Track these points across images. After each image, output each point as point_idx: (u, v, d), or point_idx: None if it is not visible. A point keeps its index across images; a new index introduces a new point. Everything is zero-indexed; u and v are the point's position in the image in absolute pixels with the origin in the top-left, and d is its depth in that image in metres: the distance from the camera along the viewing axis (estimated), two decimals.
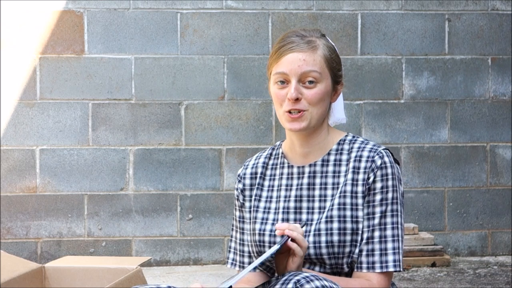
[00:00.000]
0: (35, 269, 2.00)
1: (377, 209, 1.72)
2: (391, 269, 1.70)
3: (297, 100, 1.73)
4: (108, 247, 4.39)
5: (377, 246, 1.70)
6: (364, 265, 1.71)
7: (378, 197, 1.72)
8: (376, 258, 1.70)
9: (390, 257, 1.70)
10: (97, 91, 4.37)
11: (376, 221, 1.71)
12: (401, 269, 1.71)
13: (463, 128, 4.55)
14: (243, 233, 1.88)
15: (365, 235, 1.71)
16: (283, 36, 1.80)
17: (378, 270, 1.70)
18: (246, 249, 1.87)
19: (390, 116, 4.51)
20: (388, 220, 1.72)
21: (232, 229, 1.93)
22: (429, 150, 4.54)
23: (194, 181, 4.42)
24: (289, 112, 1.75)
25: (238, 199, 1.91)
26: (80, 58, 4.36)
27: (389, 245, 1.70)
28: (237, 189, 1.91)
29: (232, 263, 1.89)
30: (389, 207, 1.72)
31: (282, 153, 1.86)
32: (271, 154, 1.89)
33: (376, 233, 1.71)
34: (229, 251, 1.92)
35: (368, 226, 1.72)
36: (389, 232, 1.71)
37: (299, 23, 4.43)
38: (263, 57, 4.43)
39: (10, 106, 4.34)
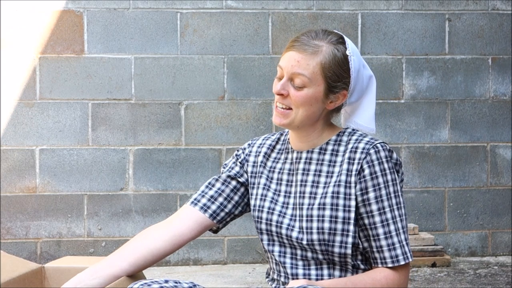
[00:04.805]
0: (35, 269, 2.00)
1: (374, 207, 1.76)
2: (402, 262, 1.76)
3: (282, 95, 1.79)
4: (108, 247, 4.39)
5: (384, 242, 1.76)
6: (379, 261, 1.77)
7: (376, 193, 1.76)
8: (386, 254, 1.76)
9: (399, 251, 1.76)
10: (96, 91, 4.37)
11: (377, 218, 1.76)
12: (411, 259, 1.77)
13: (463, 128, 4.55)
14: (217, 180, 1.94)
15: (370, 232, 1.76)
16: (299, 33, 1.82)
17: (390, 265, 1.76)
18: (210, 192, 1.93)
19: (390, 116, 4.51)
20: (389, 215, 1.76)
21: (210, 178, 1.99)
22: (429, 150, 4.53)
23: (194, 181, 4.42)
24: (277, 106, 1.81)
25: (236, 162, 1.96)
26: (80, 58, 4.36)
27: (395, 239, 1.76)
28: (238, 156, 1.96)
29: (192, 202, 1.94)
30: (386, 203, 1.76)
31: (288, 139, 1.91)
32: (278, 139, 1.95)
33: (380, 230, 1.76)
34: (196, 193, 1.98)
35: (370, 224, 1.76)
36: (392, 227, 1.76)
37: (299, 23, 4.43)
38: (263, 57, 4.43)
39: (10, 106, 4.33)
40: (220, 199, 1.92)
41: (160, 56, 4.40)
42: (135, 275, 1.84)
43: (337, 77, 1.79)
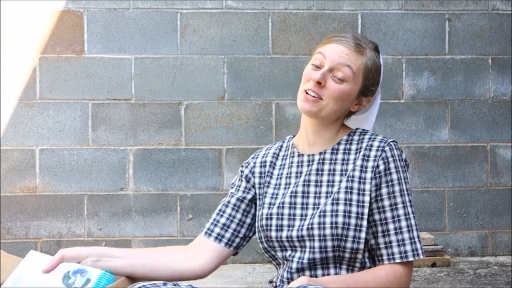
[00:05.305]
0: None
1: (387, 202, 1.78)
2: (410, 258, 1.76)
3: (319, 84, 1.79)
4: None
5: (393, 238, 1.77)
6: (385, 257, 1.78)
7: (389, 189, 1.78)
8: (395, 249, 1.77)
9: (408, 247, 1.77)
10: (97, 91, 4.37)
11: (389, 214, 1.77)
12: (422, 256, 1.78)
13: (463, 128, 4.55)
14: (227, 206, 1.93)
15: (379, 228, 1.78)
16: (340, 30, 1.86)
17: (398, 260, 1.77)
18: (221, 220, 1.92)
19: (390, 116, 4.51)
20: (401, 212, 1.78)
21: (220, 203, 1.98)
22: (429, 150, 4.53)
23: (194, 181, 4.42)
24: (307, 92, 1.80)
25: (241, 178, 1.95)
26: (80, 58, 4.36)
27: (405, 235, 1.77)
28: (242, 171, 1.96)
29: (206, 232, 1.93)
30: (399, 199, 1.78)
31: (293, 144, 1.93)
32: (281, 146, 1.96)
33: (391, 226, 1.77)
34: (208, 221, 1.97)
35: (381, 220, 1.78)
36: (403, 223, 1.77)
37: (299, 23, 4.43)
38: (263, 57, 4.43)
39: (10, 106, 4.33)
40: (233, 226, 1.91)
41: (160, 56, 4.40)
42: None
43: (373, 81, 1.85)
